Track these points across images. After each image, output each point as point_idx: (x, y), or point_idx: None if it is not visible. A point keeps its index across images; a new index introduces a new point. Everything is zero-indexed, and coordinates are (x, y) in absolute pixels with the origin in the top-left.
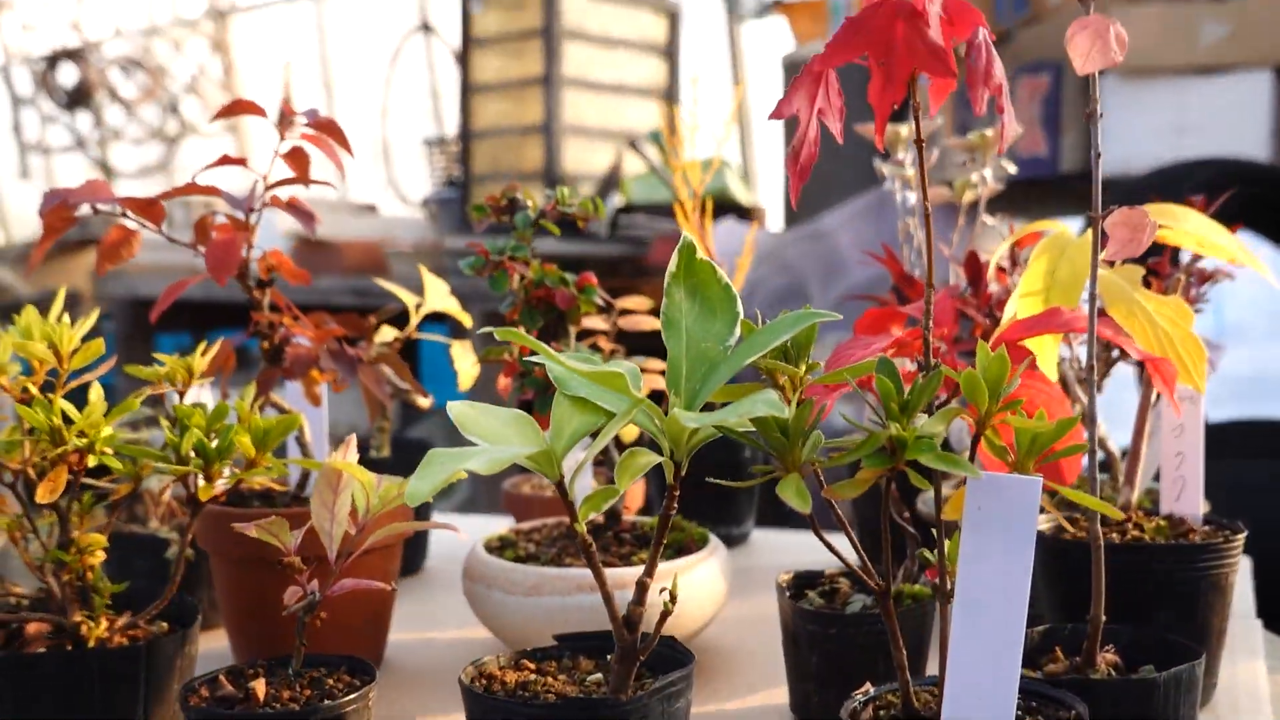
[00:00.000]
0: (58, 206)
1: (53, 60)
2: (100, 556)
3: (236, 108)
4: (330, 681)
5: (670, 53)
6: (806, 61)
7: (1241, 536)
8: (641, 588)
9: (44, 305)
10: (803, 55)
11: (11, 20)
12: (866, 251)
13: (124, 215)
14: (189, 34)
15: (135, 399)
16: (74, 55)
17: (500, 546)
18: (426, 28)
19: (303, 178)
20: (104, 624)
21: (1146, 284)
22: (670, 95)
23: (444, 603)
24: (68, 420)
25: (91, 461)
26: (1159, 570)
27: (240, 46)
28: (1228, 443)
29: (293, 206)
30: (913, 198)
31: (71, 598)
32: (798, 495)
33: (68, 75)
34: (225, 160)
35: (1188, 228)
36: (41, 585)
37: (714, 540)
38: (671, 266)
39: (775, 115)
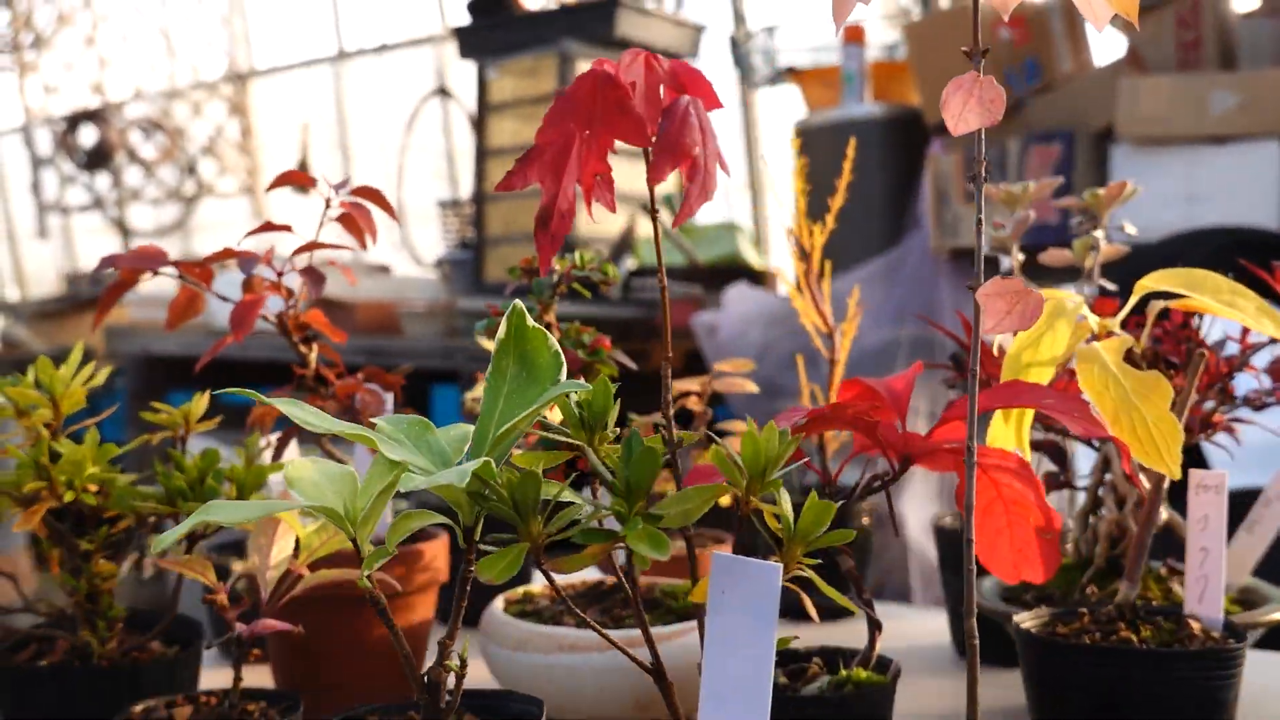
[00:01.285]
0: (127, 270)
1: (73, 121)
2: (111, 583)
3: (287, 178)
4: (256, 715)
5: None
6: (818, 128)
7: (1244, 646)
8: (442, 648)
9: (57, 361)
10: (814, 121)
11: (34, 82)
12: (920, 316)
13: (181, 278)
14: (208, 96)
15: (113, 446)
16: (94, 116)
17: (520, 600)
18: (443, 92)
19: (360, 243)
20: (114, 643)
21: (1176, 361)
22: None
23: None
24: (55, 460)
25: (68, 497)
26: (1136, 678)
27: (259, 109)
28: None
29: (307, 270)
30: (1008, 262)
31: (82, 619)
32: (506, 568)
33: (88, 136)
34: (269, 226)
35: (1205, 294)
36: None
37: None
38: (500, 333)
39: (502, 187)
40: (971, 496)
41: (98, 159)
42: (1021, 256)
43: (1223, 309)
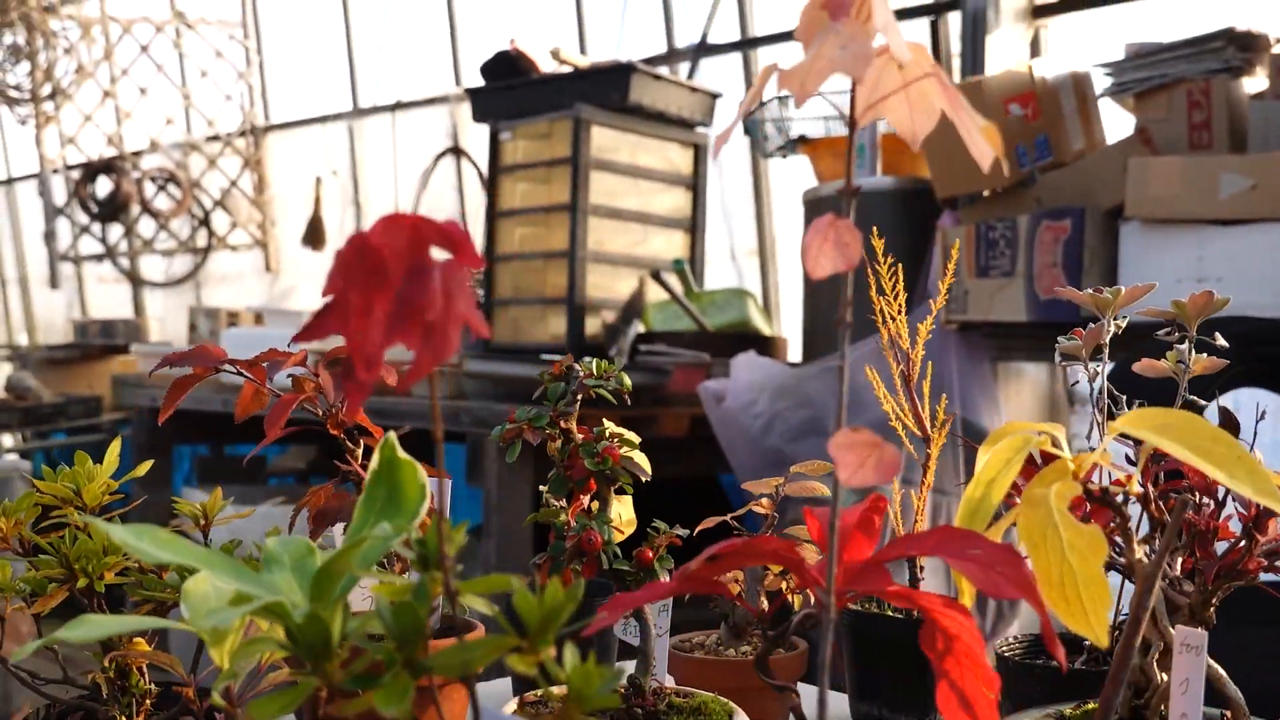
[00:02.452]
0: (200, 368)
1: (89, 172)
2: (140, 661)
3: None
4: None
5: (695, 184)
6: (828, 198)
7: None
8: None
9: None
10: (824, 191)
11: (52, 132)
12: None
13: (238, 374)
14: (223, 150)
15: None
16: (110, 167)
17: (537, 701)
18: (457, 151)
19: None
20: (141, 718)
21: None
22: (694, 226)
23: None
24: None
25: (81, 582)
26: None
27: (273, 163)
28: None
29: (334, 372)
30: (1077, 372)
31: (112, 695)
32: (278, 710)
33: (103, 187)
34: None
35: (1177, 439)
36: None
37: None
38: (374, 463)
39: (299, 339)
40: (826, 652)
41: (112, 210)
42: (1096, 365)
43: (1196, 459)
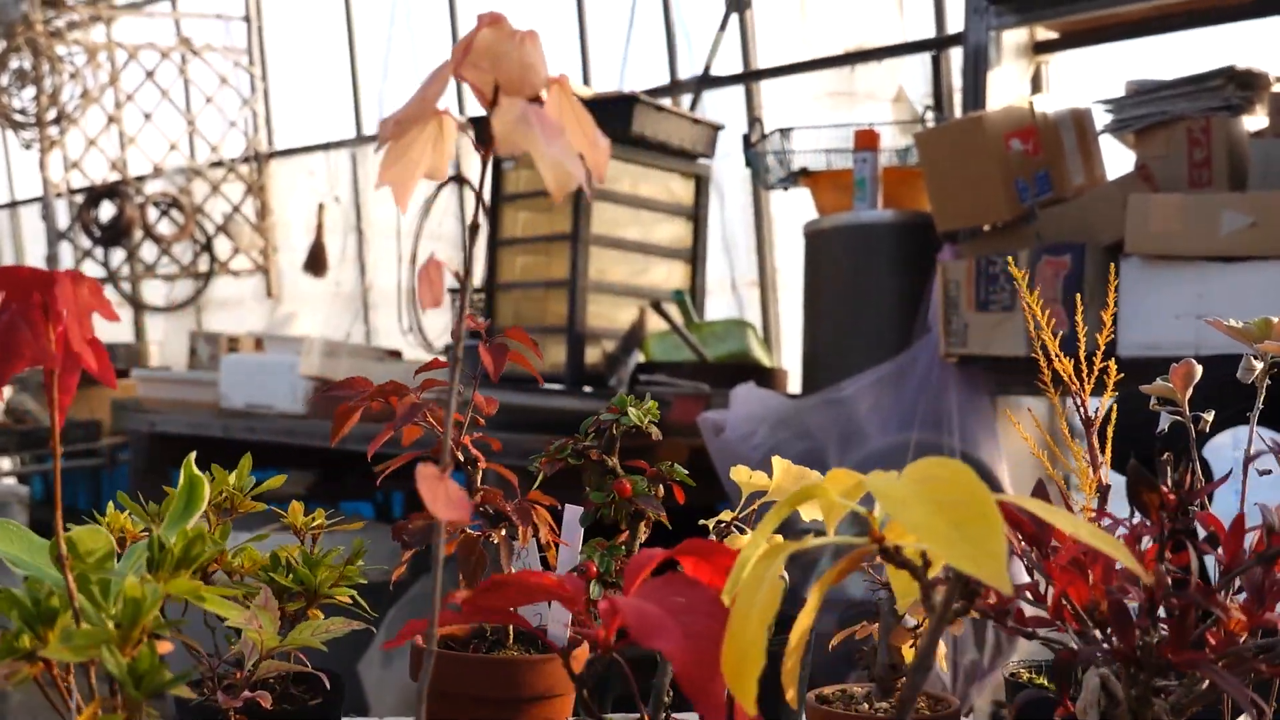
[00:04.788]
0: (377, 402)
1: (93, 196)
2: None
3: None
4: None
5: (696, 215)
6: (829, 230)
7: None
8: None
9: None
10: (825, 224)
11: (56, 157)
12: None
13: (381, 398)
14: (227, 175)
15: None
16: (113, 192)
17: None
18: (459, 179)
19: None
20: None
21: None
22: (695, 256)
23: None
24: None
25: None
26: None
27: (276, 190)
28: None
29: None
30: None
31: None
32: None
33: (106, 211)
34: (435, 364)
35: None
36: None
37: None
38: (181, 480)
39: None
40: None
41: (114, 234)
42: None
43: (911, 517)
